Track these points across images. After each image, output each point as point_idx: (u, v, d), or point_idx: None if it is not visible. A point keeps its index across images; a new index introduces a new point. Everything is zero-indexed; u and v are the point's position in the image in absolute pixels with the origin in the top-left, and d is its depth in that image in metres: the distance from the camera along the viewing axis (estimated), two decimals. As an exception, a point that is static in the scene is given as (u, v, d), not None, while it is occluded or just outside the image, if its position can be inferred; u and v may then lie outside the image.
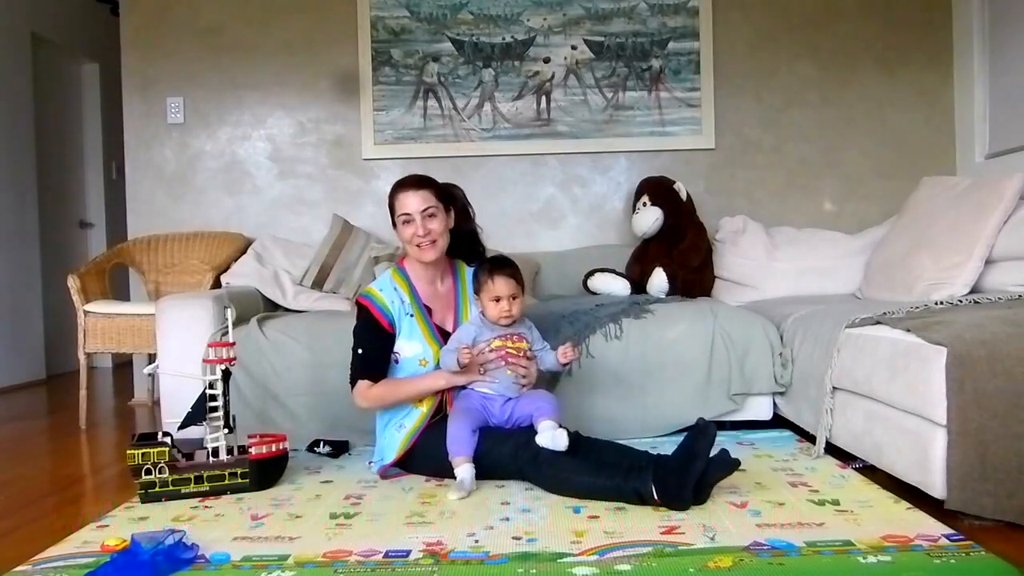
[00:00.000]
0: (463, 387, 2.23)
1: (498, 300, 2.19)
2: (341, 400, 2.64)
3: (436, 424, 2.21)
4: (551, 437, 2.03)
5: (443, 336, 2.28)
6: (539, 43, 3.71)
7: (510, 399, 2.20)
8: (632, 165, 3.73)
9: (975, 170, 3.48)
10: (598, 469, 1.98)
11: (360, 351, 2.25)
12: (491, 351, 2.18)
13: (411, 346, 2.26)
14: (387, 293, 2.27)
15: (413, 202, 2.23)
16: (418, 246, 2.24)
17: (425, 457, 2.21)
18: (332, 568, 1.57)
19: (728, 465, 1.92)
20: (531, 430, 2.10)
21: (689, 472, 1.87)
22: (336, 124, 3.77)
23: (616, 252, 3.51)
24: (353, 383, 2.26)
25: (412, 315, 2.26)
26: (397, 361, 2.28)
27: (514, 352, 2.20)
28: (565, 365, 2.29)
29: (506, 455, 2.09)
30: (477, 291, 2.25)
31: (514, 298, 2.20)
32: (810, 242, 3.37)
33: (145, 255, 3.67)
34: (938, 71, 3.69)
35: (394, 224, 2.30)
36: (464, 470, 2.06)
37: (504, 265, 2.23)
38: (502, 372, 2.18)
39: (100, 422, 3.42)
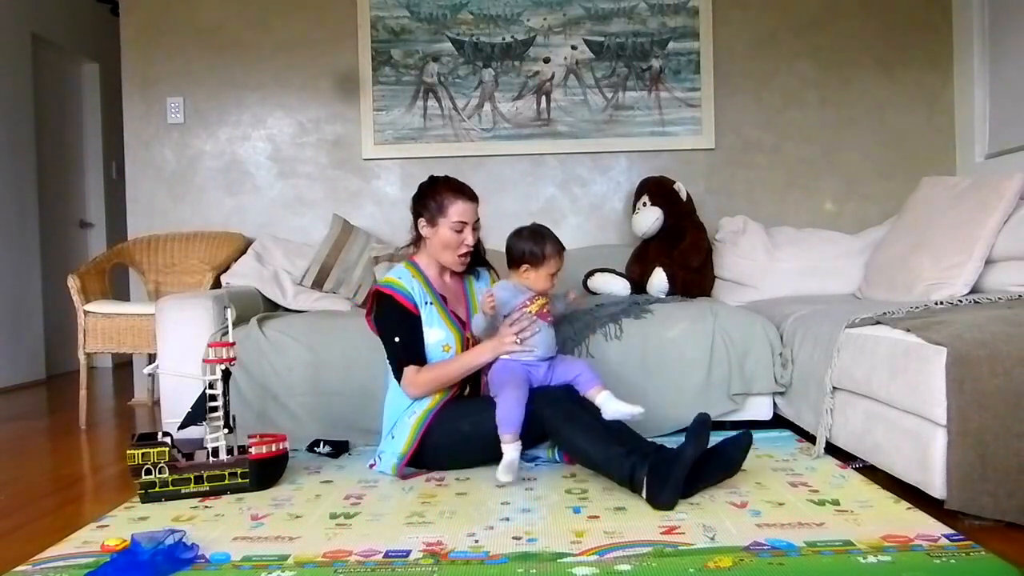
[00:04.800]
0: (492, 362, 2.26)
1: (554, 275, 2.25)
2: (341, 400, 2.65)
3: (448, 405, 2.25)
4: (619, 409, 2.08)
5: (459, 322, 2.34)
6: (539, 43, 3.71)
7: (551, 361, 2.25)
8: (632, 165, 3.73)
9: (975, 170, 3.48)
10: (607, 438, 2.02)
11: (397, 339, 2.26)
12: (528, 315, 2.20)
13: (434, 332, 2.29)
14: (405, 280, 2.33)
15: (471, 213, 2.32)
16: (460, 256, 2.33)
17: (441, 441, 2.22)
18: (332, 568, 1.57)
19: (727, 465, 1.93)
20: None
21: (671, 475, 1.87)
22: (336, 124, 3.77)
23: (616, 252, 3.51)
24: (398, 373, 2.27)
25: (430, 303, 2.32)
26: None
27: (546, 305, 2.26)
28: (569, 304, 2.45)
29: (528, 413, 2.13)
30: (534, 262, 2.23)
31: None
32: (810, 242, 3.37)
33: (145, 255, 3.67)
34: (938, 71, 3.69)
35: (430, 220, 2.32)
36: (513, 449, 2.09)
37: (559, 240, 2.28)
38: (542, 335, 2.21)
39: (100, 422, 3.42)
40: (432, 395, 2.26)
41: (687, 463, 1.88)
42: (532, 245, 2.23)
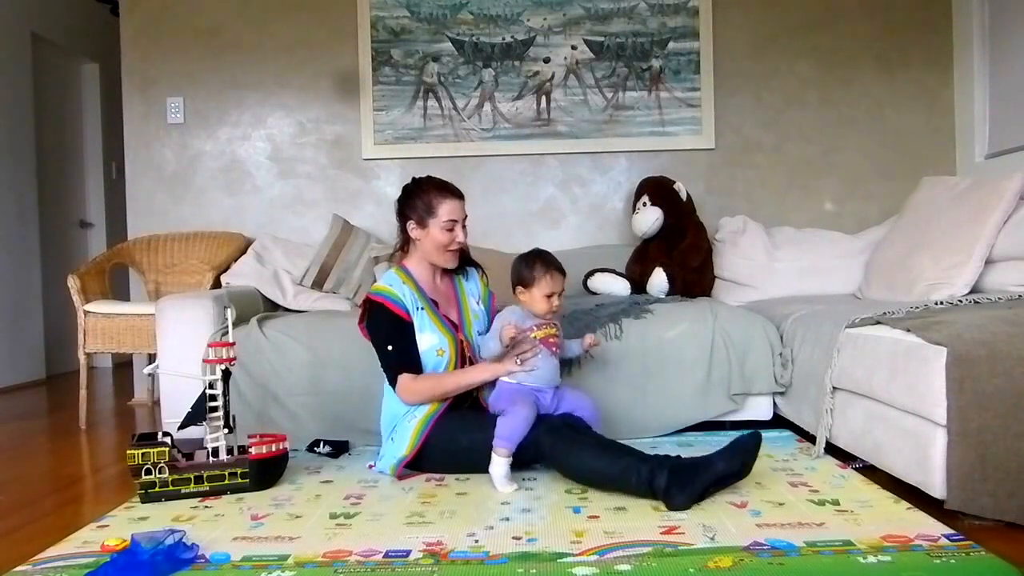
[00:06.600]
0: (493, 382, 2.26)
1: (551, 296, 2.23)
2: (341, 400, 2.65)
3: (448, 415, 2.23)
4: None
5: (451, 325, 2.33)
6: (539, 43, 3.71)
7: (557, 390, 2.25)
8: (632, 165, 3.73)
9: (975, 170, 3.48)
10: (616, 452, 2.01)
11: (390, 347, 2.26)
12: (531, 339, 2.21)
13: (426, 338, 2.27)
14: (396, 287, 2.31)
15: (459, 211, 2.32)
16: (452, 252, 2.33)
17: (439, 450, 2.21)
18: (332, 568, 1.57)
19: (738, 471, 1.97)
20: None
21: (695, 480, 1.88)
22: (336, 124, 3.77)
23: (616, 252, 3.51)
24: (393, 380, 2.26)
25: (422, 308, 2.30)
26: None
27: (554, 335, 2.26)
28: (587, 352, 2.42)
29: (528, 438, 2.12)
30: (525, 284, 2.25)
31: (561, 293, 2.27)
32: (810, 242, 3.37)
33: (145, 255, 3.67)
34: (938, 71, 3.69)
35: (420, 221, 2.31)
36: (504, 463, 2.09)
37: (554, 261, 2.27)
38: (543, 360, 2.20)
39: (100, 422, 3.42)
40: (427, 403, 2.26)
41: (715, 475, 1.90)
42: (523, 267, 2.26)
